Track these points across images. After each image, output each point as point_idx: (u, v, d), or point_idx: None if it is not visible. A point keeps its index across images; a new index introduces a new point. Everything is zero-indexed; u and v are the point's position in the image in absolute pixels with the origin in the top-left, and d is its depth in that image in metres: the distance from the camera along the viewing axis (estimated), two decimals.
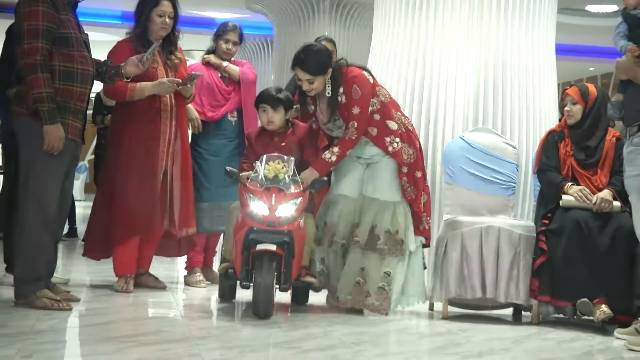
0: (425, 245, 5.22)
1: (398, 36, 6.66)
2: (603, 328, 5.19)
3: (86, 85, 4.87)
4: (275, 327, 4.58)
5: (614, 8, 11.31)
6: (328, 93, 4.97)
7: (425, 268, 5.43)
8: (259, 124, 5.52)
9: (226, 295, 5.22)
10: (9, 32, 5.51)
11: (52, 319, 4.66)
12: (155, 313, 5.22)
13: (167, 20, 5.49)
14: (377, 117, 4.99)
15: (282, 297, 5.09)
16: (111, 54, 5.59)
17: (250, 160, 5.10)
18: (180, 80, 5.39)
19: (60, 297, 4.95)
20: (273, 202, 4.53)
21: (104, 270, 5.99)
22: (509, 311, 5.58)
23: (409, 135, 5.14)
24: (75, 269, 7.26)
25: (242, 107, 6.15)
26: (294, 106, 5.53)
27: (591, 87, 5.56)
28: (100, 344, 4.16)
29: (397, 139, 5.01)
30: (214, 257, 6.68)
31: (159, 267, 6.57)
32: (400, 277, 5.07)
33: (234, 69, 6.04)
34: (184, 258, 6.38)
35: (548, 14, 6.81)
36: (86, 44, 5.02)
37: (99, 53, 14.45)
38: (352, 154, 5.10)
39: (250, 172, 4.97)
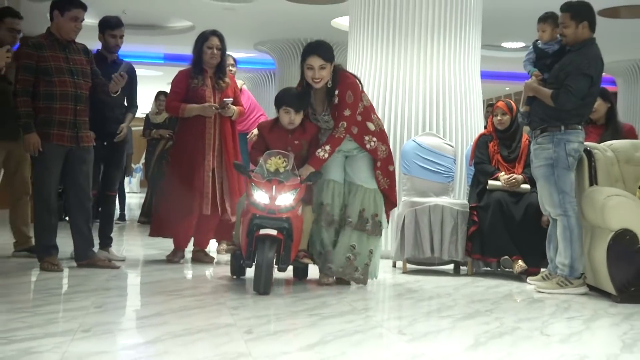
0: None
1: (367, 66, 6.65)
2: (519, 277, 5.20)
3: (66, 102, 4.77)
4: (293, 297, 4.11)
5: (522, 44, 11.37)
6: (329, 84, 4.39)
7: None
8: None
9: (236, 273, 4.65)
10: None
11: (117, 279, 4.63)
12: (196, 278, 5.12)
13: (215, 51, 5.24)
14: (359, 118, 4.46)
15: (285, 275, 4.65)
16: (174, 79, 5.39)
17: (259, 149, 4.51)
18: (217, 106, 5.18)
19: (103, 265, 4.99)
20: (273, 192, 4.06)
21: (152, 245, 5.95)
22: (450, 266, 5.57)
23: (382, 135, 4.63)
24: (128, 247, 7.18)
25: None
26: None
27: (513, 103, 5.61)
28: (153, 296, 4.17)
29: (374, 138, 4.51)
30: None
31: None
32: (378, 254, 4.63)
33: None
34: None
35: (475, 50, 6.83)
36: (75, 71, 4.85)
37: (148, 84, 14.25)
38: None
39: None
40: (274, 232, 3.97)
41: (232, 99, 5.33)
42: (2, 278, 4.48)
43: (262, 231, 3.97)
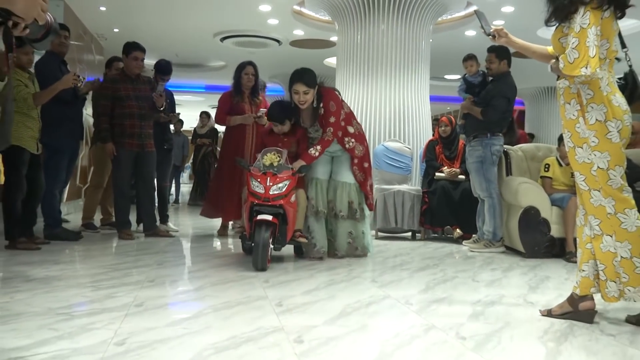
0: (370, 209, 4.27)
1: (349, 93, 6.68)
2: (457, 241, 5.19)
3: (133, 120, 4.75)
4: (309, 268, 3.57)
5: (458, 76, 11.35)
6: (314, 104, 3.89)
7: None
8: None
9: (247, 251, 3.98)
10: None
11: (173, 245, 4.61)
12: (228, 247, 5.09)
13: (250, 76, 5.00)
14: (342, 123, 3.96)
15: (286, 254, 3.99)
16: (220, 99, 5.09)
17: (259, 150, 3.96)
18: (255, 115, 4.96)
19: (163, 235, 4.97)
20: (268, 183, 3.56)
21: (197, 221, 5.94)
22: (409, 234, 5.54)
23: (360, 137, 4.11)
24: (181, 222, 7.15)
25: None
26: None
27: (452, 118, 5.60)
28: (200, 257, 4.12)
29: (353, 139, 4.01)
30: None
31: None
32: (368, 232, 4.18)
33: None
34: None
35: (425, 81, 6.87)
36: (140, 97, 4.80)
37: (193, 107, 14.07)
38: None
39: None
40: (269, 217, 3.47)
41: (265, 110, 5.22)
42: (93, 244, 4.47)
43: (259, 217, 3.48)
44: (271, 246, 3.55)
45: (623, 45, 2.42)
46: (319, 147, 3.87)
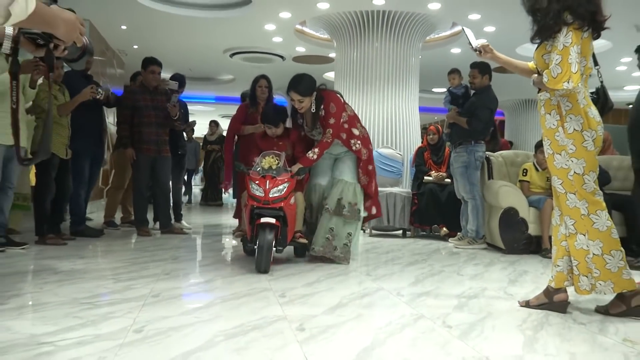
0: (375, 215, 3.87)
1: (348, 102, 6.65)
2: (444, 238, 5.19)
3: (151, 128, 4.76)
4: (311, 266, 3.40)
5: (444, 89, 11.35)
6: (313, 110, 3.56)
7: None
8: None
9: (249, 252, 3.65)
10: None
11: (186, 241, 4.60)
12: (241, 246, 4.96)
13: (264, 88, 4.83)
14: (345, 125, 3.60)
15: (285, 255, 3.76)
16: (237, 110, 4.85)
17: (255, 154, 3.66)
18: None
19: (177, 232, 4.96)
20: (267, 186, 3.24)
21: (209, 219, 5.95)
22: (400, 232, 5.52)
23: (365, 140, 3.73)
24: (193, 220, 7.12)
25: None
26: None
27: (439, 127, 5.58)
28: (210, 252, 4.11)
29: (359, 141, 3.66)
30: None
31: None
32: (356, 237, 3.64)
33: None
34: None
35: (415, 94, 6.87)
36: (157, 107, 4.79)
37: (204, 116, 14.01)
38: (327, 151, 3.64)
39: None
40: (272, 220, 3.15)
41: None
42: (114, 240, 4.47)
43: (262, 220, 3.15)
44: (274, 248, 3.22)
45: (595, 63, 2.43)
46: (316, 150, 3.54)
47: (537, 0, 2.33)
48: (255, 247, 3.15)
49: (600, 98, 2.46)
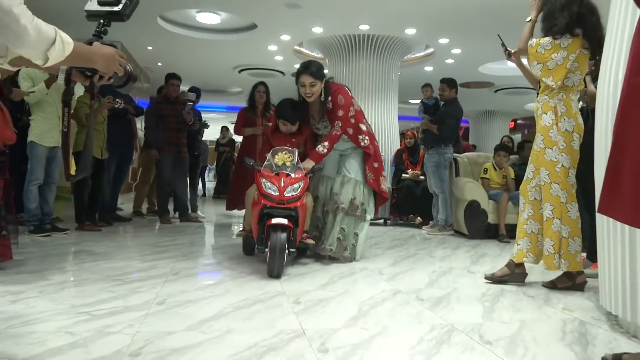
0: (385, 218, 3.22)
1: None
2: (419, 226, 5.19)
3: (172, 132, 4.71)
4: (318, 265, 2.75)
5: (419, 100, 11.29)
6: (322, 98, 2.92)
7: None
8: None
9: (248, 251, 3.06)
10: None
11: (201, 228, 4.59)
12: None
13: (262, 93, 4.66)
14: (353, 120, 2.96)
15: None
16: (238, 114, 4.65)
17: (266, 150, 2.91)
18: (263, 127, 4.58)
19: (194, 220, 4.91)
20: (282, 184, 2.56)
21: (219, 210, 5.91)
22: (381, 221, 5.49)
23: (371, 136, 3.08)
24: (207, 210, 7.08)
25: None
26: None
27: (415, 132, 5.54)
28: (221, 238, 4.10)
29: (367, 137, 3.03)
30: None
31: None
32: (363, 237, 3.04)
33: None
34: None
35: (394, 104, 6.85)
36: (176, 115, 4.70)
37: (217, 122, 13.92)
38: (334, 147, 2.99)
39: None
40: (285, 221, 2.49)
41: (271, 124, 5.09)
42: (140, 227, 4.44)
43: (274, 220, 2.48)
44: (286, 251, 2.50)
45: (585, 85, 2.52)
46: (326, 144, 2.90)
47: (557, 18, 2.30)
48: (267, 249, 2.48)
49: (584, 114, 2.51)
